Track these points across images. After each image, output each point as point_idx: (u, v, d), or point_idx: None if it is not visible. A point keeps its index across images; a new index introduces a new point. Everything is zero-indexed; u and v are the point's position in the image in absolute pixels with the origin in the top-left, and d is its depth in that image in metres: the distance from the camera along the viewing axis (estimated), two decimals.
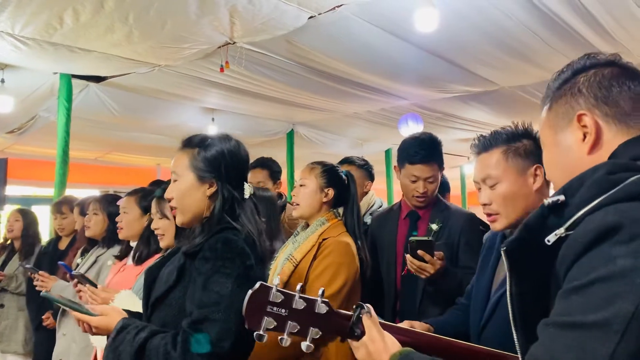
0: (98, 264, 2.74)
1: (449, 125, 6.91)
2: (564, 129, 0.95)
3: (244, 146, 1.67)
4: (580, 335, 0.70)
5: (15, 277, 3.70)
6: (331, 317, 1.02)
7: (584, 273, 0.73)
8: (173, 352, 1.34)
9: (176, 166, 1.59)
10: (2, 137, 6.66)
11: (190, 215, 1.57)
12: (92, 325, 1.49)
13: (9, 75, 4.78)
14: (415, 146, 2.24)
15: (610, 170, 0.80)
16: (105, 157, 8.48)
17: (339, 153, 8.35)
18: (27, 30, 3.80)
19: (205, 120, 6.59)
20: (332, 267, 1.98)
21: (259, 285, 1.01)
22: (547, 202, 0.85)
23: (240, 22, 3.76)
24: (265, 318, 0.98)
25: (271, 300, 0.99)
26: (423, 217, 2.28)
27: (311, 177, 2.20)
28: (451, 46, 4.33)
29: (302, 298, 1.01)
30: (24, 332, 3.68)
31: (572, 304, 0.73)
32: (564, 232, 0.80)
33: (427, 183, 2.22)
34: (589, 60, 0.98)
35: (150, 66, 4.71)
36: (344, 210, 2.20)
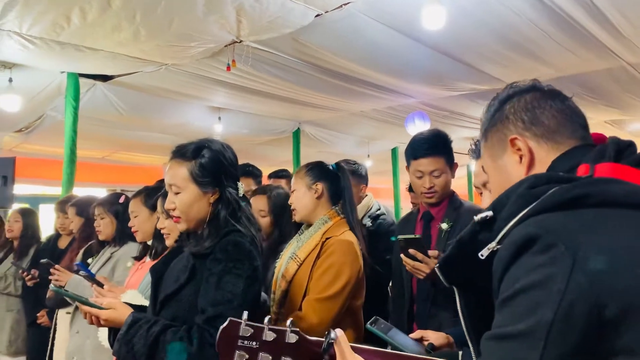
0: (112, 260, 2.76)
1: (456, 124, 6.89)
2: (501, 155, 1.01)
3: (229, 145, 1.72)
4: (511, 346, 0.73)
5: (4, 277, 3.73)
6: (302, 345, 1.05)
7: (510, 285, 0.76)
8: (189, 346, 1.40)
9: (175, 179, 1.61)
10: (10, 136, 6.70)
11: (194, 223, 1.62)
12: (101, 318, 1.53)
13: (16, 74, 4.80)
14: (418, 141, 2.21)
15: (532, 184, 0.85)
16: (112, 156, 8.51)
17: (345, 152, 8.37)
18: (35, 30, 3.81)
19: (212, 119, 6.60)
20: (334, 266, 1.99)
21: (229, 321, 1.04)
22: (477, 218, 0.89)
23: (247, 20, 3.76)
24: (237, 352, 1.02)
25: (241, 335, 1.02)
26: (436, 216, 2.23)
27: (298, 180, 2.22)
28: (458, 44, 4.31)
29: (272, 330, 1.03)
30: (9, 332, 3.71)
31: (503, 316, 0.76)
32: (496, 245, 0.84)
33: (433, 177, 2.16)
34: (511, 89, 1.06)
35: (157, 65, 4.72)
36: (342, 204, 2.20)
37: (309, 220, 2.18)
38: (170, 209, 1.62)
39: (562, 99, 1.02)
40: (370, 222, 2.86)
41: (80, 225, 3.31)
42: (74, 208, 3.37)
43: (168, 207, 1.63)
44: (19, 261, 3.75)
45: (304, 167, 2.25)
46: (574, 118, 1.00)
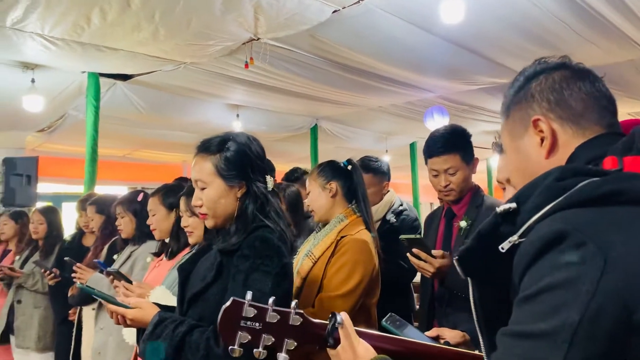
0: (131, 259, 2.79)
1: (475, 118, 6.83)
2: (522, 135, 0.96)
3: (256, 138, 1.66)
4: (531, 345, 0.71)
5: (32, 275, 3.79)
6: (306, 327, 1.04)
7: (533, 282, 0.73)
8: (215, 347, 1.37)
9: (200, 174, 1.57)
10: (33, 135, 6.82)
11: (222, 219, 1.57)
12: (127, 318, 1.52)
13: (39, 75, 4.88)
14: (432, 140, 2.17)
15: (559, 177, 0.81)
16: (133, 154, 8.60)
17: (363, 147, 8.35)
18: (56, 31, 3.87)
19: (230, 117, 6.64)
20: (348, 264, 2.00)
21: (231, 300, 1.02)
22: (499, 210, 0.85)
23: (264, 18, 3.77)
24: (239, 333, 1.00)
25: (244, 315, 1.01)
26: (458, 214, 2.19)
27: (311, 181, 2.22)
28: (477, 37, 4.27)
29: (276, 311, 1.02)
30: (38, 329, 3.77)
31: (523, 313, 0.73)
32: (517, 239, 0.80)
33: (448, 175, 2.12)
34: (539, 65, 1.00)
35: (175, 64, 4.76)
36: (356, 201, 2.19)
37: (327, 219, 2.18)
38: (197, 206, 1.58)
39: (593, 80, 0.96)
40: (393, 218, 2.84)
41: (100, 223, 3.34)
42: (94, 206, 3.41)
43: (195, 204, 1.59)
44: (45, 260, 3.81)
45: (316, 168, 2.26)
46: (603, 103, 0.94)
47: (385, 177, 2.94)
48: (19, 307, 3.80)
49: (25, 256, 3.97)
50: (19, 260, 3.95)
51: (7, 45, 4.11)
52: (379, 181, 2.87)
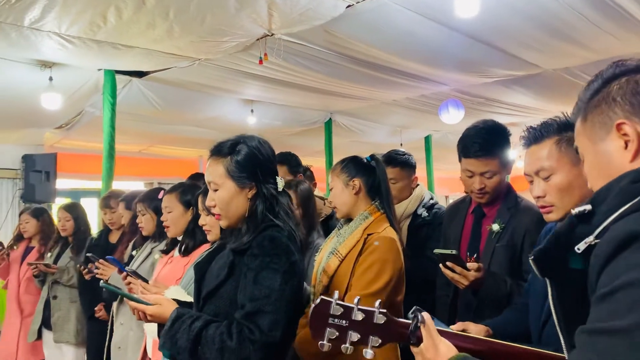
0: (152, 255, 2.84)
1: (490, 110, 6.77)
2: (604, 138, 0.94)
3: (267, 141, 1.72)
4: (607, 342, 0.71)
5: (67, 270, 3.84)
6: (390, 326, 1.09)
7: (609, 280, 0.74)
8: (229, 341, 1.43)
9: (213, 176, 1.64)
10: (52, 132, 6.91)
11: (235, 219, 1.65)
12: (147, 314, 1.58)
13: (56, 73, 4.93)
14: (470, 138, 2.06)
15: (635, 178, 0.81)
16: (149, 150, 8.67)
17: (378, 141, 8.34)
18: (73, 29, 3.91)
19: (245, 112, 6.66)
20: (377, 263, 1.98)
21: (320, 299, 1.08)
22: (575, 212, 0.86)
23: (278, 13, 3.77)
24: (327, 329, 1.06)
25: (332, 313, 1.07)
26: (488, 214, 2.11)
27: (334, 177, 2.20)
28: (493, 30, 4.23)
29: (361, 310, 1.08)
30: (75, 323, 3.83)
31: (600, 311, 0.75)
32: (594, 240, 0.81)
33: (485, 178, 2.03)
34: (618, 68, 0.98)
35: (190, 60, 4.79)
36: (380, 198, 2.17)
37: (350, 216, 2.17)
38: (211, 206, 1.65)
39: None
40: (425, 212, 2.80)
41: (129, 219, 3.39)
42: (124, 203, 3.46)
43: (209, 205, 1.66)
44: (78, 256, 3.87)
45: (339, 163, 2.22)
46: None
47: (413, 171, 2.90)
48: (55, 303, 3.86)
49: (56, 253, 4.03)
50: (51, 257, 4.01)
51: (25, 44, 4.16)
52: (407, 175, 2.83)
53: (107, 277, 2.87)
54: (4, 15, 3.59)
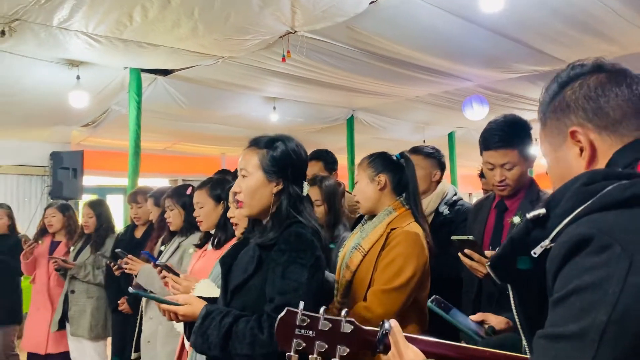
0: (180, 249, 2.89)
1: (515, 107, 6.69)
2: (561, 145, 0.94)
3: (303, 146, 1.79)
4: (563, 346, 0.72)
5: (84, 266, 3.93)
6: (357, 334, 1.08)
7: (563, 285, 0.75)
8: (260, 334, 1.47)
9: (245, 164, 1.71)
10: (78, 130, 7.04)
11: (256, 210, 1.70)
12: (178, 314, 1.62)
13: (83, 71, 5.02)
14: (490, 132, 2.09)
15: (587, 181, 0.81)
16: (173, 147, 8.78)
17: (400, 138, 8.31)
18: (100, 29, 3.98)
19: (267, 109, 6.70)
20: (400, 257, 1.98)
21: (286, 311, 1.09)
22: (529, 216, 0.86)
23: (301, 11, 3.78)
24: (294, 340, 1.06)
25: (298, 324, 1.07)
26: (510, 208, 2.12)
27: (360, 172, 2.20)
28: (518, 25, 4.18)
29: (327, 319, 1.07)
30: (90, 318, 3.92)
31: (556, 316, 0.75)
32: (549, 244, 0.81)
33: (505, 170, 2.05)
34: (572, 70, 0.96)
35: (214, 58, 4.83)
36: (407, 195, 2.16)
37: (373, 212, 2.16)
38: (237, 192, 1.72)
39: (630, 83, 0.92)
40: (447, 209, 2.78)
41: (157, 215, 3.44)
42: (152, 199, 3.52)
43: (234, 190, 1.74)
44: (96, 252, 3.95)
45: (366, 158, 2.22)
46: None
47: (435, 164, 2.87)
48: (72, 297, 3.96)
49: (78, 248, 4.12)
50: (73, 252, 4.10)
51: (54, 43, 4.25)
52: (426, 165, 2.81)
53: (136, 271, 2.93)
54: (33, 15, 3.68)
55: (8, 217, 4.48)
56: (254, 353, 1.48)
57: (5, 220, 4.45)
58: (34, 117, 6.19)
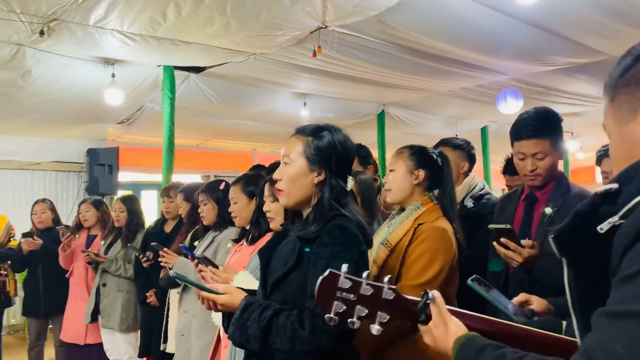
0: (214, 244, 2.92)
1: (551, 100, 6.54)
2: (630, 121, 0.88)
3: (351, 139, 1.71)
4: (627, 325, 0.69)
5: (115, 260, 4.02)
6: (399, 302, 1.07)
7: (632, 262, 0.72)
8: (301, 330, 1.43)
9: (289, 151, 1.65)
10: (114, 127, 7.19)
11: (294, 199, 1.64)
12: (217, 303, 1.60)
13: (118, 69, 5.12)
14: (521, 122, 2.09)
15: None
16: (206, 144, 8.89)
17: (432, 133, 8.21)
18: (134, 27, 4.05)
19: (298, 105, 6.71)
20: (428, 253, 1.96)
21: (328, 272, 1.07)
22: (600, 190, 0.83)
23: (332, 5, 3.78)
24: (335, 302, 1.06)
25: (340, 286, 1.06)
26: (540, 199, 2.12)
27: (399, 161, 2.17)
28: (554, 16, 4.08)
29: (370, 284, 1.06)
30: (121, 311, 4.02)
31: (623, 293, 0.72)
32: (618, 220, 0.78)
33: (536, 160, 2.04)
34: None
35: (245, 55, 4.86)
36: (440, 192, 2.14)
37: (402, 204, 2.15)
38: (277, 179, 1.66)
39: None
40: (471, 203, 2.76)
41: (187, 210, 3.49)
42: (182, 194, 3.57)
43: (275, 177, 1.67)
44: (126, 246, 4.04)
45: (408, 149, 2.19)
46: None
47: (464, 156, 2.85)
48: (104, 290, 4.07)
49: (109, 242, 4.21)
50: (104, 246, 4.20)
51: (90, 42, 4.34)
52: (454, 157, 2.76)
53: (171, 264, 2.98)
54: (71, 15, 3.76)
55: (51, 210, 4.61)
56: (294, 349, 1.44)
57: (49, 214, 4.58)
58: (71, 115, 6.35)
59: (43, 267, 4.43)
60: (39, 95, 5.54)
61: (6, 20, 3.81)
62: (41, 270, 4.44)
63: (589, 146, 11.04)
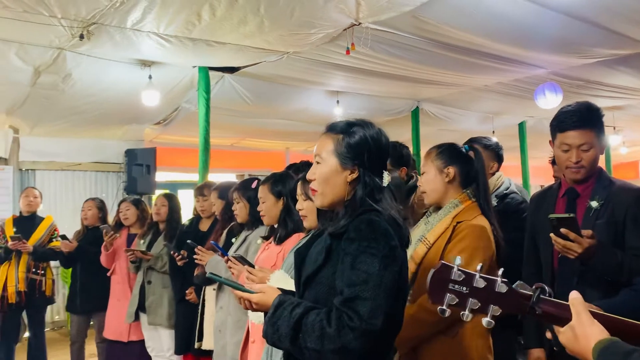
0: (246, 242, 2.95)
1: (592, 94, 6.35)
2: None
3: (385, 133, 1.65)
4: None
5: (160, 257, 4.08)
6: (511, 296, 1.07)
7: None
8: (328, 327, 1.39)
9: (320, 150, 1.62)
10: (151, 128, 7.33)
11: (329, 199, 1.60)
12: (252, 302, 1.59)
13: (154, 71, 5.22)
14: (566, 113, 2.06)
15: None
16: (240, 143, 8.98)
17: (467, 129, 8.08)
18: (170, 29, 4.11)
19: (331, 103, 6.71)
20: (467, 251, 1.93)
21: (441, 264, 1.07)
22: None
23: (366, 2, 3.75)
24: (447, 295, 1.06)
25: (453, 279, 1.06)
26: (582, 194, 2.07)
27: (428, 162, 2.15)
28: (595, 7, 3.96)
29: (483, 277, 1.06)
30: (168, 307, 4.07)
31: None
32: None
33: (581, 151, 2.01)
34: None
35: (279, 54, 4.88)
36: (474, 188, 2.11)
37: (439, 203, 2.13)
38: (311, 180, 1.63)
39: None
40: (495, 201, 2.72)
41: (221, 208, 3.52)
42: (216, 192, 3.61)
43: (308, 177, 1.64)
44: (170, 242, 4.10)
45: (435, 149, 2.18)
46: None
47: (493, 156, 2.82)
48: (149, 288, 4.12)
49: (149, 239, 4.28)
50: (144, 244, 4.26)
51: (127, 44, 4.44)
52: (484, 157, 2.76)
53: (205, 262, 3.01)
54: (109, 18, 3.85)
55: (98, 209, 4.69)
56: (323, 348, 1.39)
57: (96, 212, 4.67)
58: (110, 117, 6.50)
59: (81, 266, 4.53)
60: (79, 98, 5.70)
61: (48, 25, 3.93)
62: (79, 269, 4.55)
63: (632, 141, 10.70)
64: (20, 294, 4.46)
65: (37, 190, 4.89)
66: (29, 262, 4.55)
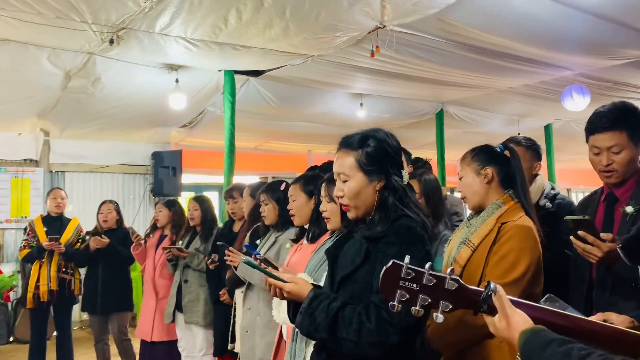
0: (277, 244, 2.97)
1: (620, 96, 6.24)
2: None
3: (393, 134, 1.75)
4: None
5: (197, 255, 4.12)
6: (461, 293, 1.11)
7: None
8: (367, 322, 1.49)
9: (342, 167, 1.69)
10: (177, 131, 7.44)
11: (363, 210, 1.69)
12: (284, 291, 1.67)
13: (181, 75, 5.31)
14: (596, 115, 2.02)
15: None
16: (264, 146, 9.06)
17: (492, 131, 8.02)
18: (197, 33, 4.18)
19: (354, 106, 6.72)
20: (513, 252, 1.90)
21: (391, 262, 1.13)
22: None
23: (391, 5, 3.76)
24: (398, 291, 1.12)
25: (403, 276, 1.12)
26: (621, 198, 2.01)
27: (464, 167, 2.12)
28: (624, 7, 3.90)
29: (432, 275, 1.11)
30: (204, 305, 4.11)
31: None
32: None
33: (611, 154, 1.96)
34: None
35: (303, 57, 4.92)
36: (515, 188, 2.07)
37: (481, 206, 2.09)
38: (339, 197, 1.70)
39: None
40: (548, 203, 2.69)
41: (250, 208, 3.56)
42: (249, 190, 3.65)
43: (337, 195, 1.71)
44: (206, 244, 4.16)
45: (469, 152, 2.15)
46: None
47: (535, 156, 2.78)
48: (186, 287, 4.18)
49: (187, 241, 4.35)
50: (182, 245, 4.33)
51: (156, 49, 4.52)
52: (527, 157, 2.71)
53: (236, 263, 3.05)
54: (138, 23, 3.93)
55: (116, 211, 4.80)
56: (360, 340, 1.49)
57: (114, 215, 4.77)
58: (138, 120, 6.62)
59: (103, 266, 4.58)
60: (108, 101, 5.83)
61: (79, 30, 4.03)
62: (101, 269, 4.58)
63: None
64: (52, 292, 4.56)
65: (63, 191, 4.99)
66: (59, 262, 4.66)
